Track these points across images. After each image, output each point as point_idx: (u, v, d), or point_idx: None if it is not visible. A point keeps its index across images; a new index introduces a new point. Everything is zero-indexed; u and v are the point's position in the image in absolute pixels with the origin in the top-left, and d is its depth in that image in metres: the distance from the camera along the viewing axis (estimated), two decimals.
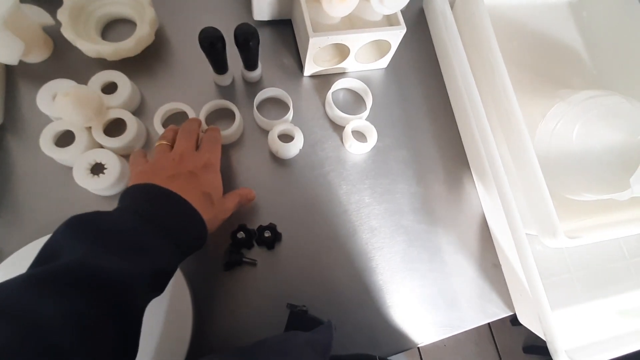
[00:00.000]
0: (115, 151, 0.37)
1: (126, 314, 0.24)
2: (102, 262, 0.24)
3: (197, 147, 0.35)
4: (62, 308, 0.21)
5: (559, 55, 0.51)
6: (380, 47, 0.46)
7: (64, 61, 0.41)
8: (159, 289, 0.28)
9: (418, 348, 1.15)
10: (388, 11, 0.39)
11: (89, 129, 0.37)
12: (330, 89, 0.44)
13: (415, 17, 0.53)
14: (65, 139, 0.37)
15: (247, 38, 0.36)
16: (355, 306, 0.40)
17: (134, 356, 0.25)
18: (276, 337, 0.32)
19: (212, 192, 0.32)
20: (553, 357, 0.32)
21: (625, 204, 0.41)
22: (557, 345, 0.32)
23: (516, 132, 0.38)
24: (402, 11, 0.50)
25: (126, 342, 0.25)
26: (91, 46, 0.38)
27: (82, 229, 0.25)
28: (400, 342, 0.40)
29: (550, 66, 0.50)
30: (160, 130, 0.38)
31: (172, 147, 0.34)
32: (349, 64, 0.45)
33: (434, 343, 0.42)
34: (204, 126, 0.39)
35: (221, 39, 0.36)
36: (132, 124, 0.37)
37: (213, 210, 0.31)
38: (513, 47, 0.49)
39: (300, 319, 0.36)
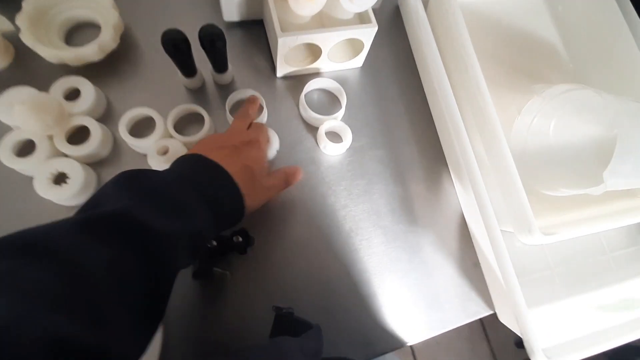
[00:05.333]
0: (79, 159, 0.36)
1: (163, 271, 0.25)
2: (147, 216, 0.24)
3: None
4: (104, 254, 0.22)
5: (535, 49, 0.51)
6: (355, 45, 0.45)
7: (26, 68, 0.40)
8: (193, 256, 0.28)
9: (411, 348, 1.14)
10: (357, 9, 0.39)
11: (51, 137, 0.36)
12: (304, 88, 0.43)
13: (391, 15, 0.52)
14: (26, 148, 0.36)
15: (212, 39, 0.35)
16: (333, 309, 0.39)
17: (159, 320, 0.25)
18: (264, 343, 0.31)
19: (253, 166, 0.32)
20: (530, 356, 0.32)
21: (601, 198, 0.41)
22: (534, 344, 0.31)
23: (490, 129, 0.37)
24: (377, 9, 0.50)
25: (157, 301, 0.25)
26: (52, 52, 0.37)
27: (130, 183, 0.26)
28: (382, 344, 0.40)
29: (526, 61, 0.50)
30: (126, 137, 0.37)
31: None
32: (322, 64, 0.44)
33: (426, 342, 0.42)
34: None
35: (185, 41, 0.35)
36: (96, 131, 0.36)
37: (253, 185, 0.32)
38: (488, 42, 0.49)
39: (287, 322, 0.35)
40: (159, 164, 0.37)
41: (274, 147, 0.41)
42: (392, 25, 0.51)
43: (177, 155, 0.37)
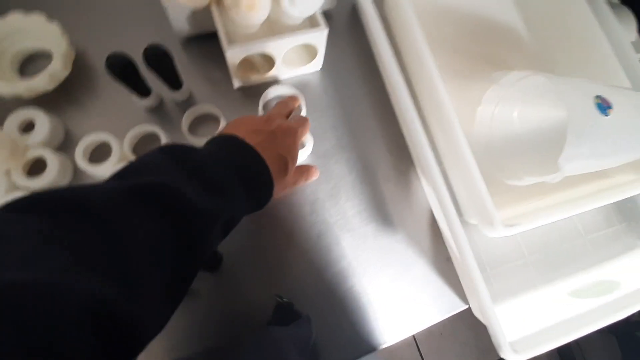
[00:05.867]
0: None
1: (197, 250, 0.24)
2: (191, 192, 0.24)
3: None
4: (147, 225, 0.21)
5: (497, 34, 0.50)
6: (311, 50, 0.45)
7: None
8: (222, 238, 0.28)
9: (414, 339, 1.14)
10: (301, 14, 0.38)
11: (9, 171, 0.36)
12: (260, 99, 0.43)
13: (350, 14, 0.51)
14: None
15: (157, 59, 0.35)
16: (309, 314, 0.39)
17: (180, 301, 0.24)
18: (255, 333, 0.31)
19: (287, 156, 0.32)
20: (498, 351, 0.32)
21: (572, 182, 0.41)
22: (500, 339, 0.31)
23: (446, 120, 0.37)
24: (333, 9, 0.49)
25: (185, 280, 0.24)
26: (3, 86, 0.37)
27: (175, 156, 0.25)
28: (361, 346, 0.40)
29: (488, 47, 0.49)
30: (83, 165, 0.37)
31: None
32: (278, 72, 0.44)
33: (429, 331, 0.42)
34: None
35: (130, 64, 0.35)
36: (53, 161, 0.36)
37: (282, 175, 0.32)
38: (447, 33, 0.48)
39: (286, 311, 0.36)
40: None
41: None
42: (352, 25, 0.51)
43: None
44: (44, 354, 0.14)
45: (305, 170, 0.38)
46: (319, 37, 0.41)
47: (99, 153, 0.40)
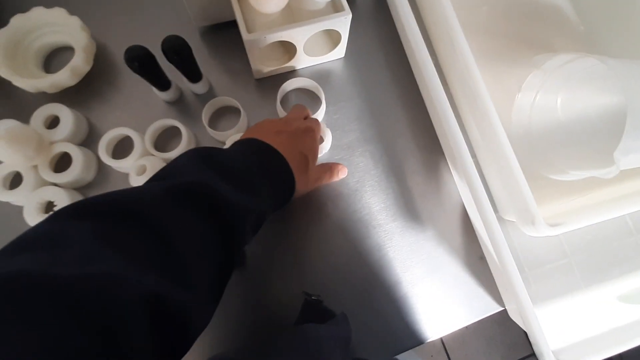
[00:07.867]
0: (66, 186, 0.37)
1: (235, 245, 0.25)
2: (224, 189, 0.25)
3: None
4: (189, 222, 0.23)
5: (537, 13, 0.45)
6: (333, 36, 0.42)
7: (10, 100, 0.41)
8: (254, 234, 0.29)
9: None
10: None
11: (36, 167, 0.36)
12: (278, 92, 0.41)
13: None
14: (15, 180, 0.37)
15: (176, 51, 0.34)
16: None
17: (221, 296, 0.25)
18: (293, 331, 0.31)
19: (308, 154, 0.33)
20: (539, 359, 0.29)
21: (622, 175, 0.37)
22: (543, 347, 0.28)
23: (482, 110, 0.33)
24: None
25: (225, 273, 0.25)
26: (28, 82, 0.37)
27: (203, 159, 0.27)
28: (387, 347, 0.38)
29: (528, 28, 0.45)
30: (106, 159, 0.37)
31: None
32: (300, 61, 0.42)
33: None
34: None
35: (148, 56, 0.34)
36: (77, 156, 0.36)
37: (304, 173, 0.33)
38: (481, 13, 0.44)
39: (315, 309, 0.36)
40: (139, 183, 0.36)
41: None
42: (377, 8, 0.48)
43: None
44: (105, 341, 0.15)
45: (328, 167, 0.38)
46: (343, 23, 0.38)
47: (122, 147, 0.40)
